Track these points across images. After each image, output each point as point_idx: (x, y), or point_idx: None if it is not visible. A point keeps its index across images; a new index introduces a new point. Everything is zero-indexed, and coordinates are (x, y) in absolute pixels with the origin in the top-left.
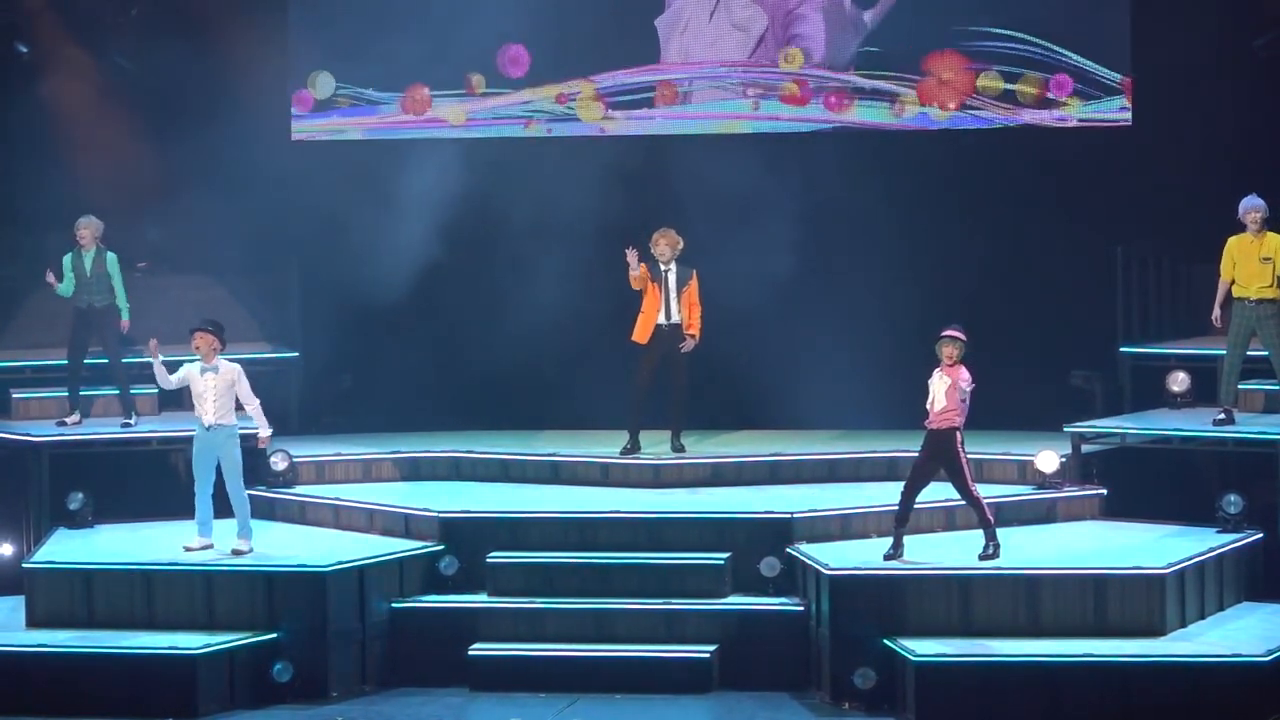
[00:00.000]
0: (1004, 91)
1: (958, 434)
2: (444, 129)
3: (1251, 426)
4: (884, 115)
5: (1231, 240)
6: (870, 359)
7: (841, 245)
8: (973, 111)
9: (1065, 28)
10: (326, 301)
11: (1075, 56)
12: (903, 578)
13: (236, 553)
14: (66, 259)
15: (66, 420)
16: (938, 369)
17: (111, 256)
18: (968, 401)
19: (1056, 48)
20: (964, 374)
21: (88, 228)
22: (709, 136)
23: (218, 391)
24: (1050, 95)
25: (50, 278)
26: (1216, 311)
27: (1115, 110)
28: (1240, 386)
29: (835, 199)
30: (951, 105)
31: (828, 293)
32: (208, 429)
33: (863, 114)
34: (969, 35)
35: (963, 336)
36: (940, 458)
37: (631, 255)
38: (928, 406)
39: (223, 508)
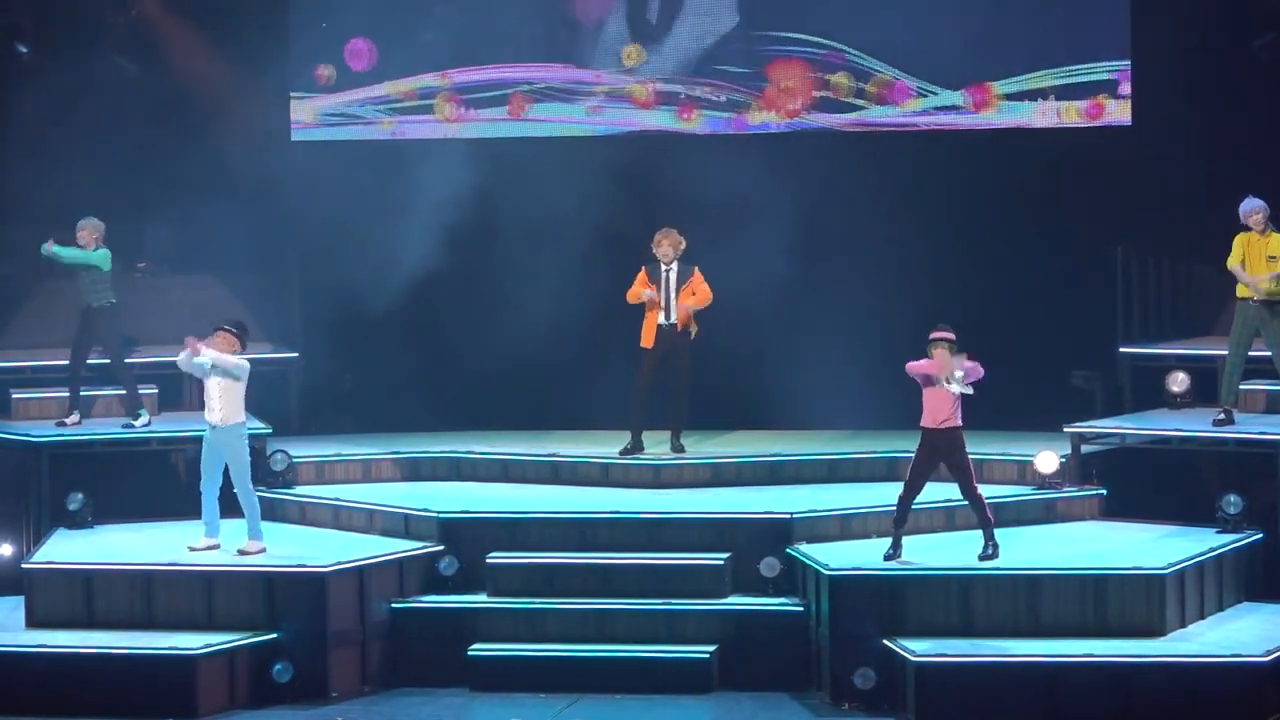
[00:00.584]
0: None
1: (962, 433)
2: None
3: (1252, 426)
4: (726, 123)
5: (1241, 235)
6: (870, 359)
7: (841, 245)
8: (813, 117)
9: (1063, 28)
10: (327, 301)
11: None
12: (903, 578)
13: (243, 553)
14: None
15: (66, 421)
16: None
17: (101, 252)
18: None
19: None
20: (968, 362)
21: (85, 229)
22: (707, 137)
23: (223, 389)
24: (893, 100)
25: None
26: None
27: (953, 109)
28: (1241, 387)
29: (835, 199)
30: (792, 108)
31: (828, 293)
32: (214, 429)
33: (710, 122)
34: (802, 44)
35: (952, 336)
36: (943, 456)
37: (649, 290)
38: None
39: (231, 508)
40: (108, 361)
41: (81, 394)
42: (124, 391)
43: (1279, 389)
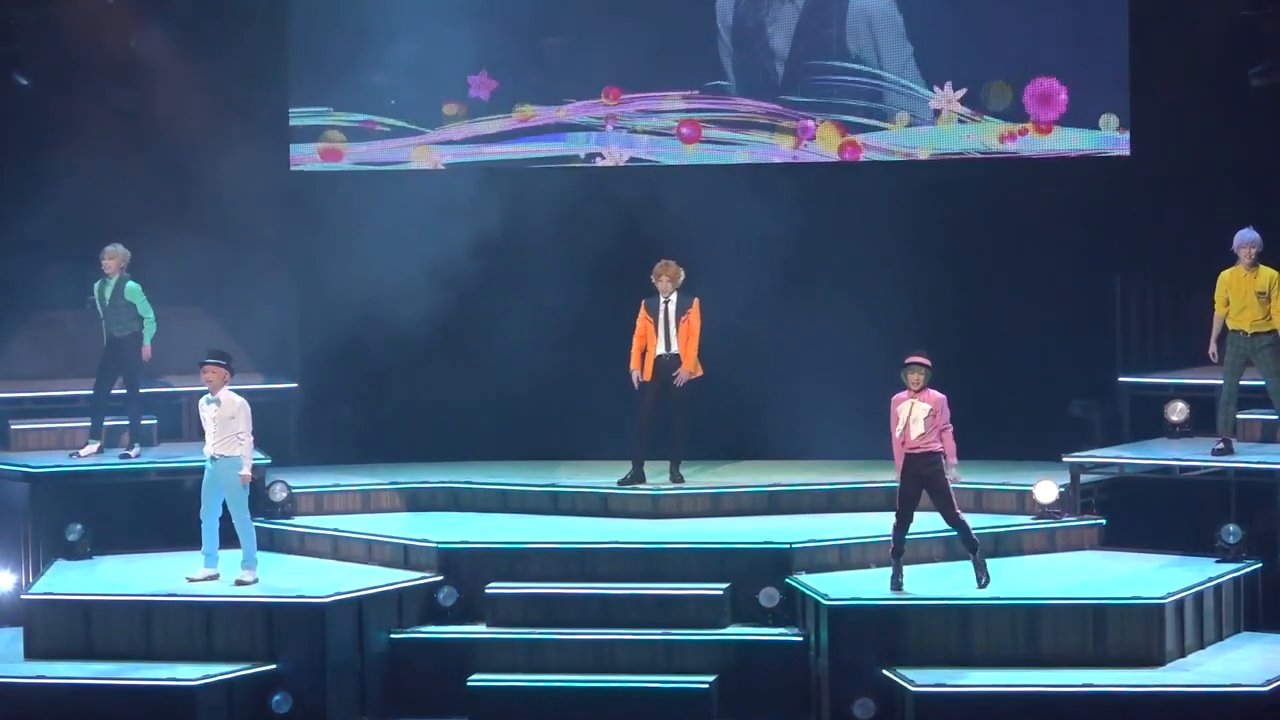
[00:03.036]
0: None
1: (941, 457)
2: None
3: (1251, 456)
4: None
5: (1224, 274)
6: (869, 389)
7: (840, 276)
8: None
9: (1064, 59)
10: (325, 331)
11: None
12: (902, 607)
13: (240, 583)
14: (96, 285)
15: (81, 452)
16: (906, 396)
17: (131, 285)
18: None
19: None
20: (943, 401)
21: (113, 256)
22: (705, 167)
23: (217, 423)
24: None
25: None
26: (1213, 347)
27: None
28: (1240, 416)
29: (834, 229)
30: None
31: (826, 324)
32: (211, 460)
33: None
34: None
35: (928, 362)
36: (923, 481)
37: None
38: (899, 432)
39: (232, 539)
40: (123, 391)
41: (104, 425)
42: (127, 422)
43: (1275, 418)
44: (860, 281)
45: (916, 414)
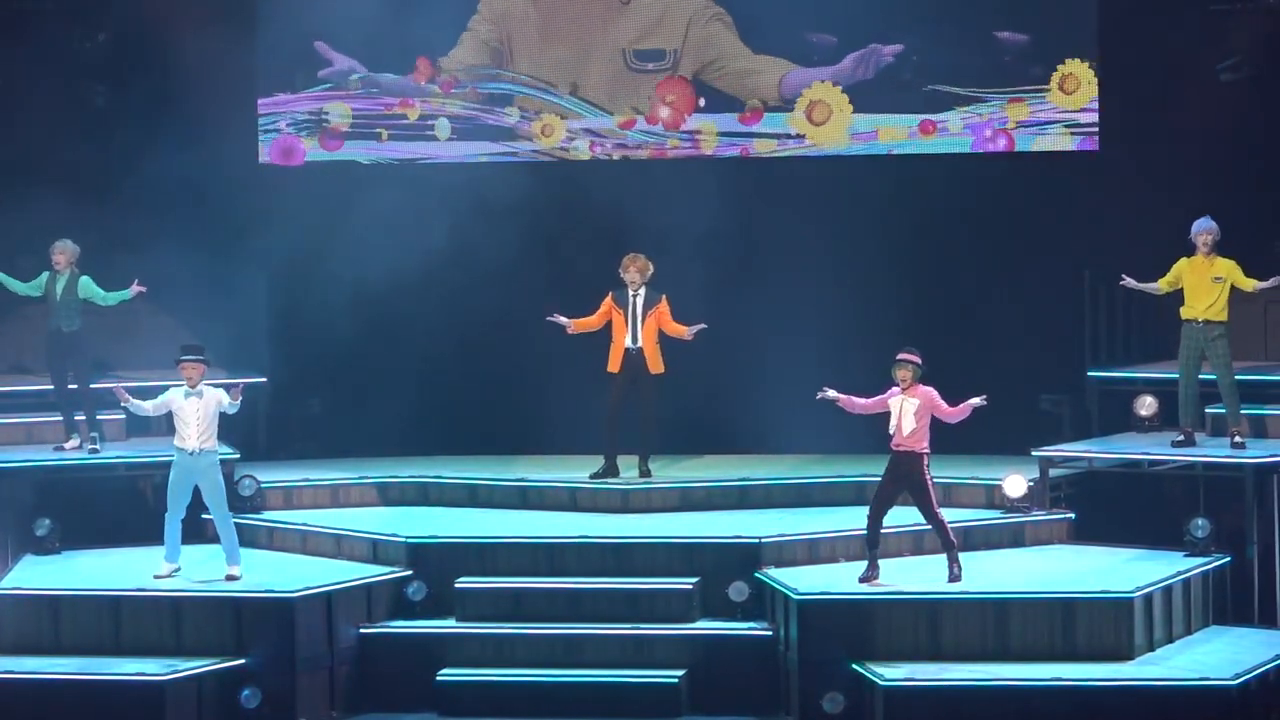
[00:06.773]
0: None
1: (925, 457)
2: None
3: (1219, 450)
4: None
5: (1182, 260)
6: (840, 384)
7: (811, 270)
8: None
9: (1034, 54)
10: (294, 326)
11: None
12: (871, 602)
13: (230, 578)
14: (44, 276)
15: (65, 446)
16: (897, 392)
17: (84, 280)
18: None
19: None
20: (932, 394)
21: (63, 252)
22: (677, 161)
23: (200, 417)
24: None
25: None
26: (1130, 281)
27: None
28: (1209, 410)
29: (804, 224)
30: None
31: (797, 317)
32: (190, 454)
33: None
34: None
35: (917, 359)
36: (905, 480)
37: (561, 321)
38: (891, 430)
39: (196, 533)
40: (74, 387)
41: (76, 418)
42: (84, 417)
43: (1220, 412)
44: (832, 276)
45: (906, 409)
